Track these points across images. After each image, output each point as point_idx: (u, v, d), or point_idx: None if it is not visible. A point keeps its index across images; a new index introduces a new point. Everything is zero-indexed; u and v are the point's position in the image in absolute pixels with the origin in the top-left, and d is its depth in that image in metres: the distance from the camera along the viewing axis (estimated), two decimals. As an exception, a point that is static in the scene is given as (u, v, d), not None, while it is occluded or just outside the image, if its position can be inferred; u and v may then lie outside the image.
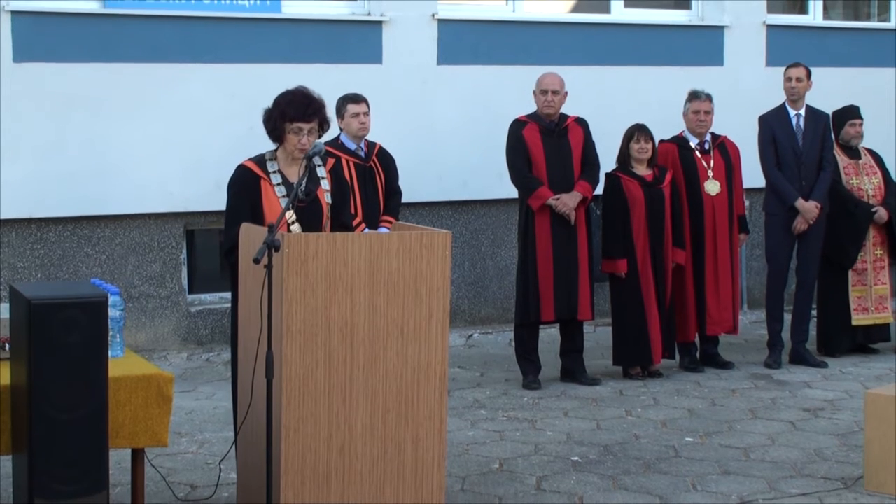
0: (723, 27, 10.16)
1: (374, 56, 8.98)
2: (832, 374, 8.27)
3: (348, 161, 7.41)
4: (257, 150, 5.42)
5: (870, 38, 10.87)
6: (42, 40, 8.08)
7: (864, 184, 8.79)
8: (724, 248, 8.30)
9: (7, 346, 4.87)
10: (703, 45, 10.14)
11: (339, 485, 4.81)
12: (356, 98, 7.56)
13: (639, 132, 8.02)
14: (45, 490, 4.39)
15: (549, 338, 8.43)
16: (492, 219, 9.52)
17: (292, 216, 5.19)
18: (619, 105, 9.22)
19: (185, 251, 8.65)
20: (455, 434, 6.61)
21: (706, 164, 8.30)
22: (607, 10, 9.99)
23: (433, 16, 9.15)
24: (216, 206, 6.92)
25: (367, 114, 7.55)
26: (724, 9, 10.16)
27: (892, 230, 8.79)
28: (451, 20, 9.23)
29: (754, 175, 8.68)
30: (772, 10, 10.43)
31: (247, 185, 5.27)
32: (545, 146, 7.85)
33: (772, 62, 10.03)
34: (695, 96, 8.33)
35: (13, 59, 7.98)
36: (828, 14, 10.93)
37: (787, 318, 8.72)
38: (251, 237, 4.96)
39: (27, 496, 4.42)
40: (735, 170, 8.42)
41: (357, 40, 8.95)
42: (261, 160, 5.33)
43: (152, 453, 5.57)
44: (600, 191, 8.07)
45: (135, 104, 8.30)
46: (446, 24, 9.21)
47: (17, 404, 4.57)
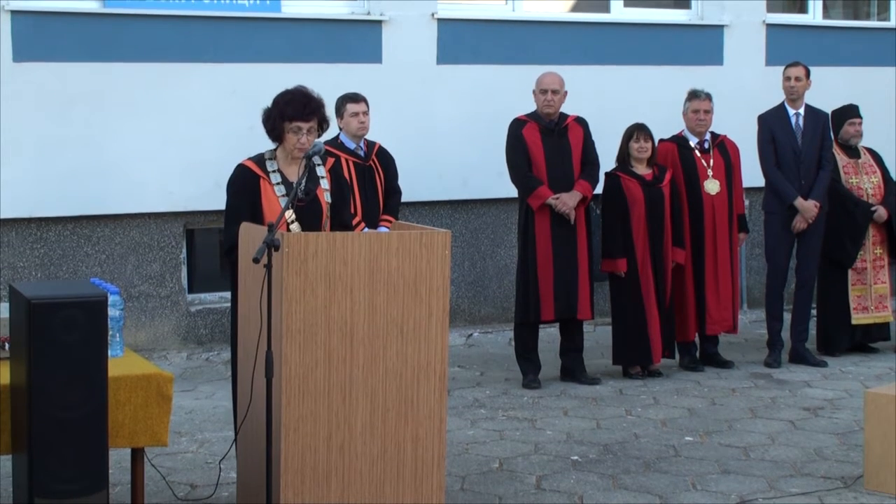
0: (722, 26, 10.16)
1: (374, 55, 8.98)
2: (832, 373, 8.27)
3: (348, 160, 7.41)
4: (257, 150, 5.42)
5: (869, 37, 10.86)
6: (42, 40, 8.08)
7: (864, 183, 8.79)
8: (724, 248, 8.30)
9: (7, 346, 4.87)
10: (703, 44, 10.14)
11: (339, 484, 4.81)
12: (355, 97, 7.56)
13: (638, 131, 8.02)
14: (45, 489, 4.39)
15: (549, 337, 8.43)
16: (491, 218, 9.52)
17: (292, 215, 5.19)
18: (619, 104, 9.21)
19: (184, 250, 8.65)
20: (455, 433, 6.61)
21: (706, 164, 8.29)
22: (607, 9, 9.98)
23: (433, 15, 9.15)
24: (216, 205, 6.92)
25: (366, 113, 7.55)
26: (723, 8, 10.16)
27: (892, 229, 8.79)
28: (451, 19, 9.23)
29: (754, 174, 8.68)
30: (771, 9, 10.42)
31: (246, 185, 5.27)
32: (545, 145, 7.84)
33: (771, 61, 10.03)
34: (694, 95, 8.32)
35: (13, 58, 7.99)
36: (827, 13, 10.92)
37: (787, 317, 8.72)
38: (251, 236, 4.96)
39: (27, 496, 4.42)
40: (735, 169, 8.42)
41: (357, 40, 8.95)
42: (260, 160, 5.34)
43: (152, 453, 5.57)
44: (600, 190, 8.06)
45: (135, 104, 8.31)
46: (446, 24, 9.21)
47: (16, 404, 4.57)
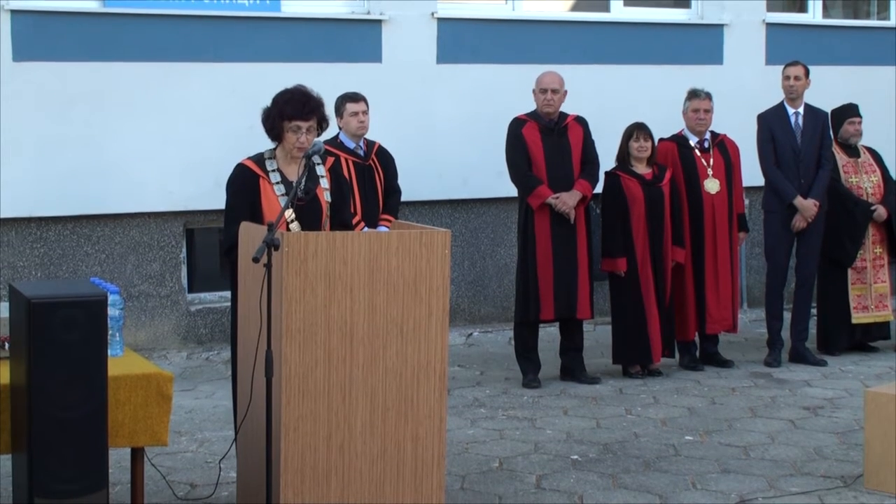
0: (722, 25, 10.16)
1: (374, 55, 8.98)
2: (832, 372, 8.27)
3: (347, 160, 7.41)
4: (257, 149, 5.42)
5: (869, 36, 10.86)
6: (42, 39, 8.08)
7: (864, 182, 8.79)
8: (724, 247, 8.30)
9: (6, 345, 4.87)
10: (703, 43, 10.14)
11: (339, 483, 4.81)
12: (355, 97, 7.56)
13: (638, 131, 8.02)
14: (44, 489, 4.39)
15: (549, 336, 8.43)
16: (491, 217, 9.52)
17: (291, 215, 5.19)
18: (619, 104, 9.21)
19: (184, 250, 8.65)
20: (455, 432, 6.60)
21: (706, 163, 8.29)
22: (607, 8, 9.98)
23: (432, 14, 9.15)
24: (216, 204, 6.91)
25: (365, 112, 7.55)
26: (723, 7, 10.16)
27: (892, 228, 8.79)
28: (451, 19, 9.23)
29: (754, 173, 8.68)
30: (771, 8, 10.42)
31: (246, 184, 5.27)
32: (545, 145, 7.84)
33: (771, 60, 10.02)
34: (694, 95, 8.32)
35: (13, 58, 7.98)
36: (827, 12, 10.92)
37: (787, 316, 8.72)
38: (250, 236, 4.96)
39: (27, 495, 4.41)
40: (735, 168, 8.42)
41: (356, 39, 8.95)
42: (260, 159, 5.34)
43: (152, 452, 5.57)
44: (600, 189, 8.06)
45: (134, 103, 8.31)
46: (446, 23, 9.21)
47: (16, 403, 4.57)
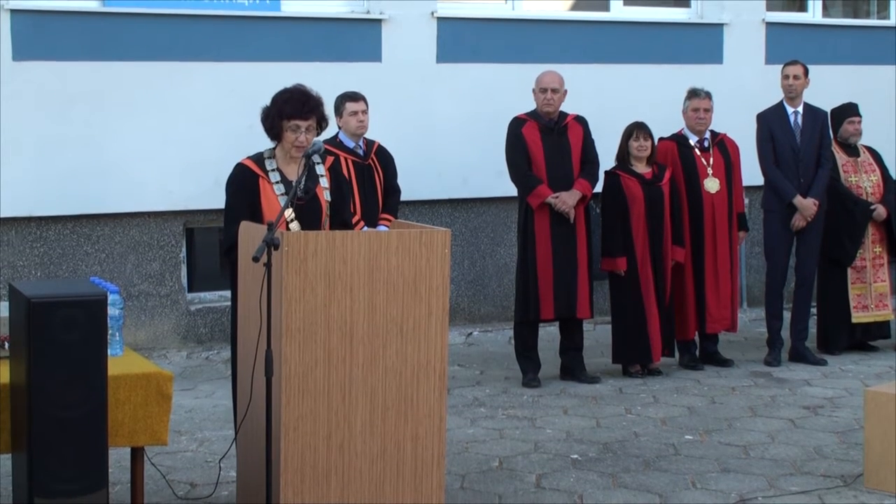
0: (722, 25, 10.16)
1: (374, 54, 8.98)
2: (832, 371, 8.27)
3: (347, 159, 7.41)
4: (257, 149, 5.42)
5: (869, 35, 10.86)
6: (42, 39, 8.07)
7: (863, 181, 8.79)
8: (724, 246, 8.30)
9: (6, 345, 4.87)
10: (703, 42, 10.14)
11: (339, 483, 4.81)
12: (355, 96, 7.56)
13: (638, 130, 8.02)
14: (44, 488, 4.39)
15: (549, 336, 8.43)
16: (491, 217, 9.51)
17: (291, 214, 5.19)
18: (619, 103, 9.21)
19: (184, 249, 8.65)
20: (454, 432, 6.60)
21: (706, 162, 8.29)
22: (606, 8, 9.98)
23: (432, 14, 9.15)
24: (215, 204, 6.91)
25: (365, 112, 7.55)
26: (723, 7, 10.15)
27: (891, 228, 8.79)
28: (451, 18, 9.23)
29: (754, 173, 8.67)
30: (771, 7, 10.42)
31: (245, 184, 5.27)
32: (545, 144, 7.84)
33: (771, 60, 10.02)
34: (694, 94, 8.32)
35: (13, 57, 7.98)
36: (827, 12, 10.92)
37: (787, 315, 8.72)
38: (250, 235, 4.96)
39: (27, 495, 4.41)
40: (734, 167, 8.42)
41: (356, 38, 8.94)
42: (259, 158, 5.33)
43: (152, 452, 5.57)
44: (600, 189, 8.06)
45: (134, 103, 8.30)
46: (445, 23, 9.21)
47: (16, 403, 4.57)
